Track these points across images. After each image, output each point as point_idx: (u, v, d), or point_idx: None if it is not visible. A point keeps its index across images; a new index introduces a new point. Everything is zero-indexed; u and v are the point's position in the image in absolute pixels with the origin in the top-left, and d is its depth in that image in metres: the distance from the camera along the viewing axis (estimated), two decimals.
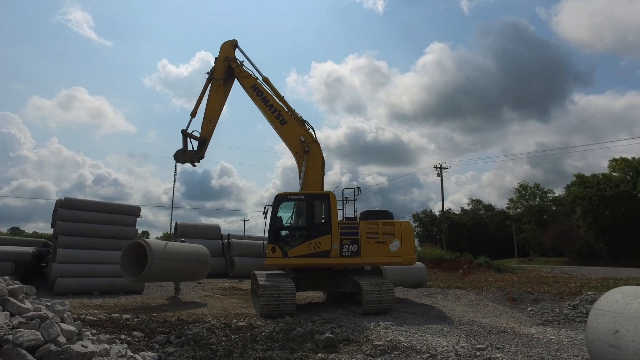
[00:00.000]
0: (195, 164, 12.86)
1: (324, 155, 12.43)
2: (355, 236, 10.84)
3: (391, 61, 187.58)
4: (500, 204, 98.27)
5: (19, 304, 4.27)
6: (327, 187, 12.31)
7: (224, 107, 13.30)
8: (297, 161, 12.19)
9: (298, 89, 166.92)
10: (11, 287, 4.85)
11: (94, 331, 6.62)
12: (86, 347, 3.82)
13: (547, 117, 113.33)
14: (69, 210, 14.60)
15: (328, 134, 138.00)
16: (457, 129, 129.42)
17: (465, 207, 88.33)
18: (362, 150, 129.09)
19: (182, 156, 12.47)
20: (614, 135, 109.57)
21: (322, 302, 13.21)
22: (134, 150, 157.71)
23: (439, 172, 53.35)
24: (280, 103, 12.65)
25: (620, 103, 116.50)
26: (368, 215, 11.80)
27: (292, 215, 11.55)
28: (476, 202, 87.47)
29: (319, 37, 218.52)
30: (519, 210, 73.97)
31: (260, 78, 13.00)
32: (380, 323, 8.78)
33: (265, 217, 11.14)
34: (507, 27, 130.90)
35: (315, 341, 7.14)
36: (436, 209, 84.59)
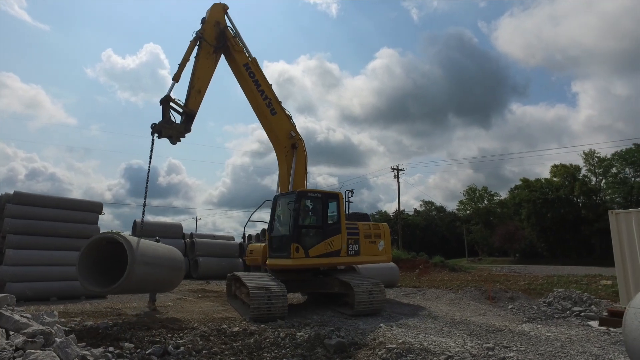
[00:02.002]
0: (177, 141, 10.58)
1: None
2: (356, 236, 11.06)
3: (342, 64, 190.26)
4: (446, 205, 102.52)
5: (16, 318, 3.48)
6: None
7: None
8: (284, 156, 11.55)
9: None
10: None
11: (81, 344, 5.75)
12: None
13: (488, 124, 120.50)
14: (19, 206, 12.94)
15: None
16: (405, 133, 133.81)
17: (414, 208, 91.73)
18: (312, 150, 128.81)
19: (166, 128, 10.14)
20: (546, 143, 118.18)
21: (304, 304, 12.76)
22: (75, 143, 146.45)
23: (396, 174, 54.65)
24: (271, 90, 11.70)
25: (551, 114, 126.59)
26: (355, 217, 11.82)
27: (305, 214, 11.00)
28: (428, 204, 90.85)
29: (271, 36, 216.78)
30: (468, 212, 77.68)
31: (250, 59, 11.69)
32: (382, 325, 8.53)
33: (273, 213, 10.55)
34: (452, 37, 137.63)
35: (325, 346, 6.73)
36: (386, 210, 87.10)
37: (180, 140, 10.55)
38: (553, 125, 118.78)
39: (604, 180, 57.66)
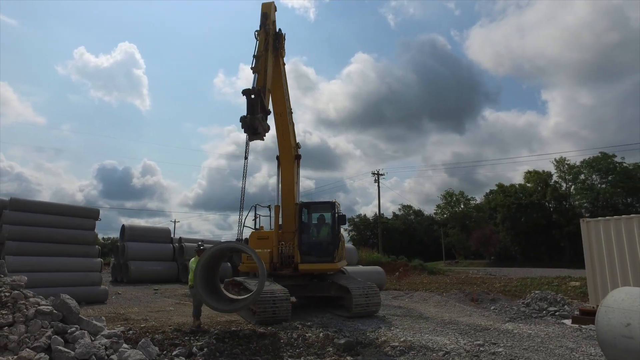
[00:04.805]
0: (259, 138, 9.60)
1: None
2: (339, 243, 11.93)
3: (318, 68, 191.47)
4: (423, 209, 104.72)
5: (94, 322, 3.98)
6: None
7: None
8: (289, 165, 11.94)
9: (225, 90, 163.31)
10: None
11: None
12: None
13: (462, 129, 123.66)
14: (17, 213, 13.05)
15: None
16: (380, 137, 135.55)
17: (392, 212, 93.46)
18: None
19: (262, 123, 8.95)
20: (517, 149, 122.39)
21: (300, 307, 13.32)
22: (44, 143, 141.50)
23: (377, 179, 55.84)
24: (289, 101, 11.95)
25: (522, 121, 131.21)
26: None
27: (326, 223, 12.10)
28: (407, 208, 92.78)
29: (247, 39, 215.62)
30: (445, 215, 79.87)
31: None
32: (382, 326, 9.23)
33: (300, 220, 11.41)
34: (426, 44, 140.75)
35: (335, 345, 7.37)
36: (365, 214, 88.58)
37: (262, 139, 9.58)
38: (524, 131, 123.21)
39: (573, 187, 60.63)
